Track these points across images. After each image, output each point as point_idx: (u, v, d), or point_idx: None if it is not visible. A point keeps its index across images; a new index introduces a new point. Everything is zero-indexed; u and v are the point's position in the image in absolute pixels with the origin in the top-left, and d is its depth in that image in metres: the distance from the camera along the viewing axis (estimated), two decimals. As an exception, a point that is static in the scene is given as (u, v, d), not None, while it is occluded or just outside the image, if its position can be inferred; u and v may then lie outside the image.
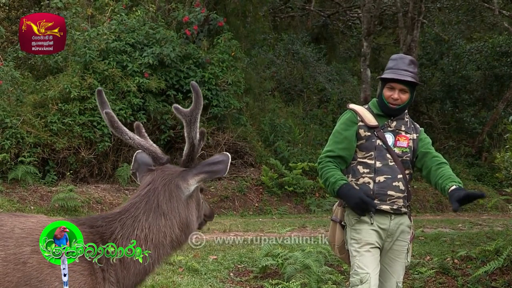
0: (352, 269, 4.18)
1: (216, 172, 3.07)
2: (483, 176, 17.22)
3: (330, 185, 4.08)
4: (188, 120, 3.06)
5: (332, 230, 4.42)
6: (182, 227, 3.01)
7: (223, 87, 13.22)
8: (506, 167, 6.51)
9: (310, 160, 14.31)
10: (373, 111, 4.29)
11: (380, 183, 4.20)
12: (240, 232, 9.88)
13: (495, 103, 19.17)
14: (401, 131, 4.35)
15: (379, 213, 4.20)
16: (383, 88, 4.26)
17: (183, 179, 3.02)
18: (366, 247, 4.16)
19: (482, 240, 9.21)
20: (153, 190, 2.98)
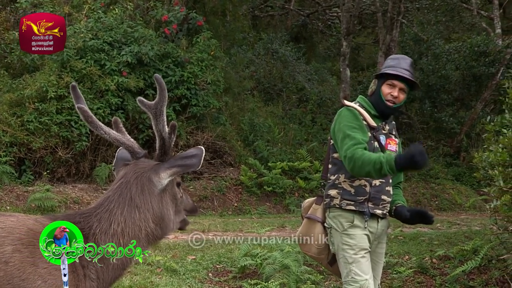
0: (349, 276, 4.08)
1: (189, 165, 3.03)
2: (462, 176, 17.33)
3: (385, 163, 3.74)
4: (154, 113, 3.01)
5: (310, 229, 4.31)
6: (156, 221, 2.96)
7: (202, 87, 13.17)
8: (484, 166, 6.52)
9: (289, 160, 14.31)
10: (370, 111, 4.22)
11: (375, 187, 4.16)
12: (219, 232, 9.84)
13: (473, 103, 19.30)
14: (392, 135, 4.33)
15: (371, 217, 4.18)
16: (381, 84, 4.20)
17: (155, 172, 2.97)
18: (361, 253, 4.10)
19: (460, 240, 9.25)
20: (125, 184, 2.94)
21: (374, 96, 4.25)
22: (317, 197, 4.36)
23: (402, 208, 4.33)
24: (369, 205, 4.14)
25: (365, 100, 4.30)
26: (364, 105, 4.25)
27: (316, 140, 16.27)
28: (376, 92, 4.22)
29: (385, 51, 17.37)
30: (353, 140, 3.94)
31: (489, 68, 18.19)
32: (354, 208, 4.11)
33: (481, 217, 12.51)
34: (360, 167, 3.84)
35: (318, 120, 17.90)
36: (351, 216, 4.12)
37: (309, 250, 4.35)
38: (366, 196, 4.13)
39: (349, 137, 3.97)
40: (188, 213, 3.32)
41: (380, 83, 4.21)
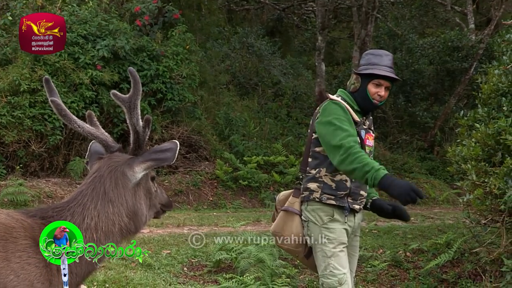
0: (327, 270, 4.07)
1: (163, 159, 3.01)
2: (435, 170, 17.48)
3: (373, 171, 3.67)
4: (128, 107, 2.99)
5: (286, 221, 4.28)
6: (130, 215, 2.95)
7: (178, 80, 13.11)
8: (457, 161, 6.58)
9: (265, 154, 14.32)
10: (353, 106, 4.17)
11: (355, 182, 4.15)
12: (194, 226, 9.82)
13: (447, 97, 19.46)
14: (370, 130, 4.33)
15: (350, 212, 4.19)
16: (367, 83, 4.14)
17: (129, 166, 2.96)
18: (340, 247, 4.10)
19: (433, 233, 9.34)
20: (99, 178, 2.92)
21: (358, 94, 4.19)
22: (294, 190, 4.35)
23: (381, 201, 4.37)
24: (348, 200, 4.15)
25: (347, 95, 4.25)
26: (346, 99, 4.19)
27: (292, 134, 16.30)
28: (362, 90, 4.16)
29: (360, 45, 17.44)
30: (346, 131, 3.91)
31: (462, 63, 18.36)
32: (334, 202, 4.12)
33: (454, 211, 12.64)
34: (351, 162, 3.78)
35: (294, 114, 17.93)
36: (331, 210, 4.13)
37: (285, 243, 4.32)
38: (346, 191, 4.13)
39: (341, 129, 3.93)
40: (163, 207, 3.31)
41: (365, 82, 4.15)
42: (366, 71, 4.15)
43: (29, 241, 2.68)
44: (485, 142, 6.07)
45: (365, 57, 4.28)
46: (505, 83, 6.31)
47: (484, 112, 6.45)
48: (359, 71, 4.20)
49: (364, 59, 4.27)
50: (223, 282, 6.39)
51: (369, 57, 4.24)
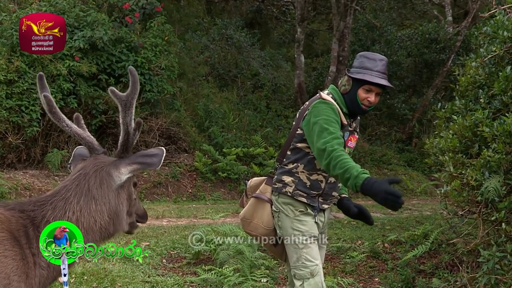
0: (299, 262, 4.11)
1: (149, 164, 3.01)
2: (413, 162, 17.60)
3: (352, 178, 3.57)
4: (124, 105, 3.00)
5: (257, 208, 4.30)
6: (111, 215, 2.94)
7: (156, 72, 13.05)
8: (435, 152, 6.63)
9: (244, 146, 14.31)
10: (342, 108, 4.13)
11: (330, 184, 4.18)
12: (173, 218, 9.81)
13: (425, 89, 19.59)
14: (355, 132, 4.32)
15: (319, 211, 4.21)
16: (358, 88, 4.08)
17: (115, 167, 2.96)
18: (311, 239, 4.13)
19: (411, 225, 9.42)
20: (84, 175, 2.92)
21: (348, 97, 4.13)
22: (268, 177, 4.35)
23: (349, 202, 4.38)
24: (319, 200, 4.18)
25: (338, 95, 4.19)
26: (337, 99, 4.15)
27: (271, 126, 16.31)
28: (352, 94, 4.11)
29: (339, 37, 17.47)
30: (332, 134, 3.83)
31: (440, 55, 18.49)
32: (305, 201, 4.13)
33: (432, 202, 12.75)
34: (333, 167, 3.71)
35: (273, 106, 17.94)
36: (303, 206, 4.15)
37: (254, 230, 4.29)
38: (319, 192, 4.15)
39: (327, 131, 3.86)
40: (138, 218, 3.30)
41: (356, 86, 4.09)
42: (358, 75, 4.08)
43: (6, 234, 2.66)
44: (462, 134, 6.12)
45: (359, 59, 4.19)
46: (482, 76, 6.36)
47: (462, 104, 6.50)
48: (351, 74, 4.12)
49: (357, 61, 4.19)
50: (202, 274, 6.40)
51: (363, 60, 4.16)
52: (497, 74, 6.02)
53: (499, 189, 5.45)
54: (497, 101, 5.99)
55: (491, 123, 5.71)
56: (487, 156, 5.59)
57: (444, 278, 6.94)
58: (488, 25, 6.26)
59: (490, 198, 5.54)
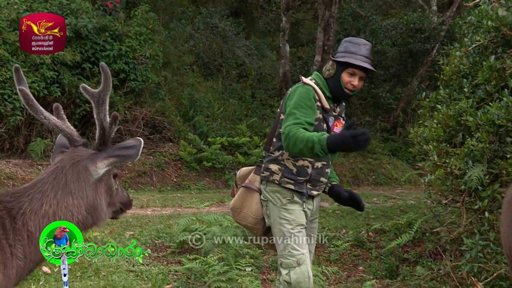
0: (285, 250, 4.13)
1: (126, 156, 2.98)
2: (398, 151, 17.67)
3: (316, 144, 3.65)
4: (96, 101, 2.97)
5: (246, 198, 4.33)
6: (89, 209, 2.91)
7: (141, 61, 12.97)
8: (419, 142, 6.66)
9: (229, 135, 14.29)
10: (325, 93, 4.17)
11: (317, 169, 4.20)
12: (158, 207, 9.78)
13: (409, 79, 19.65)
14: (341, 117, 4.34)
15: (308, 197, 4.22)
16: (341, 71, 4.13)
17: (92, 161, 2.93)
18: (298, 228, 4.15)
19: (395, 214, 9.47)
20: (61, 168, 2.88)
21: (332, 81, 4.18)
22: (256, 167, 4.36)
23: (339, 188, 4.41)
24: (307, 186, 4.18)
25: (322, 80, 4.23)
26: (320, 84, 4.19)
27: (256, 116, 16.29)
28: (335, 78, 4.15)
29: (324, 27, 17.44)
30: (296, 119, 3.90)
31: (425, 44, 18.55)
32: (293, 187, 4.15)
33: (416, 191, 12.81)
34: (294, 145, 3.80)
35: (258, 95, 17.91)
36: (290, 193, 4.16)
37: (244, 219, 4.33)
38: (307, 178, 4.16)
39: (293, 115, 3.93)
40: (122, 206, 3.29)
41: (340, 70, 4.14)
42: (342, 59, 4.13)
43: None
44: (447, 123, 6.14)
45: (343, 44, 4.24)
46: (466, 65, 6.38)
47: (446, 93, 6.52)
48: (335, 58, 4.17)
49: (342, 47, 4.24)
50: (186, 263, 6.39)
51: (347, 44, 4.21)
52: (481, 64, 6.04)
53: (482, 178, 5.48)
54: (481, 90, 6.01)
55: (475, 112, 5.74)
56: (471, 145, 5.62)
57: (427, 266, 6.99)
58: (473, 14, 6.28)
59: (473, 187, 5.57)
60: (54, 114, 3.09)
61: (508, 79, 5.58)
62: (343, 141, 3.55)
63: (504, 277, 5.43)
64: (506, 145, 5.43)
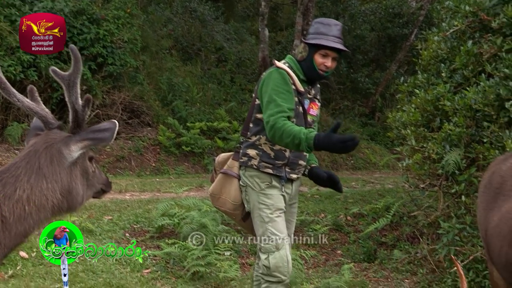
0: (265, 235, 4.13)
1: (101, 139, 2.95)
2: (376, 136, 17.74)
3: (303, 141, 3.69)
4: (67, 84, 2.93)
5: (225, 184, 4.32)
6: (64, 193, 2.87)
7: (119, 45, 12.86)
8: (397, 126, 6.71)
9: (208, 120, 14.24)
10: (299, 75, 4.18)
11: (295, 153, 4.19)
12: (136, 192, 9.76)
13: (388, 64, 19.70)
14: (316, 99, 4.34)
15: (287, 181, 4.22)
16: (314, 53, 4.13)
17: (66, 145, 2.89)
18: (277, 212, 4.15)
19: (373, 198, 9.53)
20: (34, 152, 2.84)
21: (305, 63, 4.18)
22: (234, 153, 4.36)
23: (318, 169, 4.42)
24: (286, 170, 4.19)
25: (294, 62, 4.23)
26: (293, 67, 4.19)
27: (235, 100, 16.25)
28: (308, 60, 4.16)
29: (303, 11, 17.40)
30: (278, 107, 3.90)
31: (403, 29, 18.60)
32: (271, 171, 4.15)
33: (394, 176, 12.89)
34: (280, 138, 3.82)
35: (237, 80, 17.87)
36: (269, 178, 4.17)
37: (223, 205, 4.34)
38: (285, 161, 4.17)
39: (274, 103, 3.93)
40: (103, 187, 3.26)
41: (312, 51, 4.14)
42: (313, 41, 4.13)
43: None
44: (424, 107, 6.19)
45: (314, 25, 4.24)
46: (444, 50, 6.42)
47: (424, 78, 6.56)
48: (306, 40, 4.18)
49: (313, 28, 4.23)
50: (165, 247, 6.39)
51: (318, 26, 4.20)
52: (458, 49, 6.08)
53: (459, 162, 5.54)
54: (459, 75, 6.06)
55: (452, 97, 5.79)
56: (448, 130, 5.67)
57: (405, 250, 7.06)
58: (451, -1, 6.31)
59: (450, 171, 5.63)
60: (28, 97, 3.04)
61: (485, 64, 5.62)
62: (331, 144, 3.59)
63: (480, 260, 5.49)
64: (483, 129, 5.48)
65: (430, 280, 6.14)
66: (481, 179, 4.22)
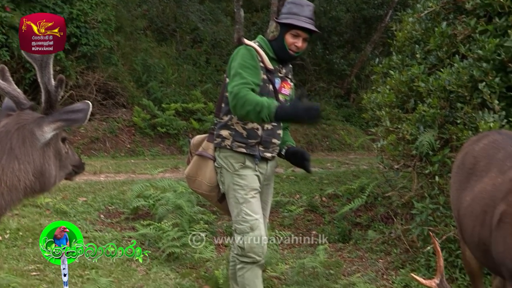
0: (239, 216, 4.15)
1: (74, 120, 2.93)
2: (351, 117, 17.80)
3: (265, 109, 3.70)
4: (39, 65, 2.90)
5: (200, 166, 4.32)
6: (36, 174, 2.86)
7: (93, 25, 12.71)
8: (372, 107, 6.74)
9: (183, 101, 14.18)
10: (269, 54, 4.18)
11: (267, 131, 4.20)
12: (111, 173, 9.70)
13: (363, 45, 19.74)
14: (288, 78, 4.35)
15: (261, 160, 4.22)
16: (285, 33, 4.13)
17: (38, 125, 2.86)
18: (252, 193, 4.16)
19: (348, 179, 9.58)
20: (5, 133, 2.81)
21: (276, 43, 4.19)
22: (209, 134, 4.36)
23: (293, 147, 4.44)
24: (259, 149, 4.19)
25: (265, 42, 4.25)
26: (263, 46, 4.21)
27: (210, 82, 16.19)
28: (279, 39, 4.17)
29: (279, -8, 17.34)
30: (243, 79, 3.92)
31: (378, 10, 18.63)
32: (245, 151, 4.15)
33: (369, 157, 12.96)
34: (242, 106, 3.82)
35: (213, 61, 17.78)
36: (242, 158, 4.16)
37: (199, 187, 4.35)
38: (257, 140, 4.17)
39: (239, 75, 3.95)
40: (75, 168, 3.24)
41: (283, 31, 4.15)
42: (285, 20, 4.14)
43: None
44: (399, 89, 6.22)
45: (287, 5, 4.25)
46: (418, 31, 6.44)
47: (398, 59, 6.59)
48: (278, 20, 4.18)
49: (285, 8, 4.24)
50: (140, 228, 6.38)
51: (290, 6, 4.21)
52: (433, 30, 6.11)
53: (433, 143, 5.58)
54: (433, 56, 6.09)
55: (426, 78, 5.82)
56: (422, 111, 5.70)
57: (379, 230, 7.12)
58: (425, -20, 6.33)
59: (424, 152, 5.67)
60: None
61: (459, 45, 5.65)
62: (295, 112, 3.62)
63: (453, 239, 5.56)
64: (456, 110, 5.52)
65: (404, 259, 6.20)
66: (455, 160, 4.26)
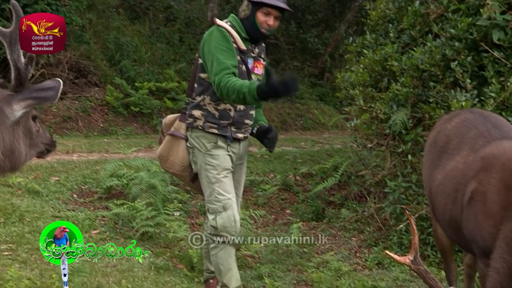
0: (212, 196, 4.16)
1: (44, 98, 2.89)
2: (325, 96, 17.82)
3: (248, 93, 3.67)
4: (9, 42, 2.86)
5: (173, 146, 4.31)
6: (6, 153, 2.83)
7: (64, 2, 12.53)
8: (346, 87, 6.76)
9: (156, 80, 14.08)
10: (241, 34, 4.15)
11: (240, 112, 4.19)
12: (84, 153, 9.63)
13: (337, 24, 19.73)
14: (260, 58, 4.33)
15: (233, 140, 4.21)
16: (256, 11, 4.10)
17: (8, 103, 2.82)
18: (224, 173, 4.17)
19: (322, 158, 9.61)
20: None
21: (247, 21, 4.17)
22: (181, 114, 4.34)
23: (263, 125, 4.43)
24: (231, 129, 4.19)
25: (237, 21, 4.22)
26: (235, 26, 4.18)
27: (184, 61, 16.08)
28: (250, 18, 4.14)
29: (253, -30, 17.24)
30: (221, 65, 3.90)
31: (353, -11, 18.61)
32: (217, 131, 4.15)
33: (343, 136, 12.99)
34: (227, 95, 3.83)
35: (186, 40, 17.65)
36: (214, 138, 4.16)
37: (171, 167, 4.34)
38: (230, 121, 4.17)
39: (218, 61, 3.92)
40: (47, 146, 3.21)
41: (254, 10, 4.12)
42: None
43: None
44: (373, 68, 6.24)
45: None
46: (392, 10, 6.46)
47: (372, 38, 6.60)
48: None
49: None
50: (114, 208, 6.34)
51: None
52: (406, 9, 6.13)
53: (406, 122, 5.62)
54: (406, 35, 6.12)
55: (399, 57, 5.85)
56: (395, 90, 5.73)
57: (352, 208, 7.17)
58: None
59: (397, 131, 5.72)
60: None
61: (432, 24, 5.68)
62: (275, 89, 3.59)
63: (425, 217, 5.62)
64: (429, 89, 5.56)
65: (377, 237, 6.26)
66: (427, 139, 4.29)
